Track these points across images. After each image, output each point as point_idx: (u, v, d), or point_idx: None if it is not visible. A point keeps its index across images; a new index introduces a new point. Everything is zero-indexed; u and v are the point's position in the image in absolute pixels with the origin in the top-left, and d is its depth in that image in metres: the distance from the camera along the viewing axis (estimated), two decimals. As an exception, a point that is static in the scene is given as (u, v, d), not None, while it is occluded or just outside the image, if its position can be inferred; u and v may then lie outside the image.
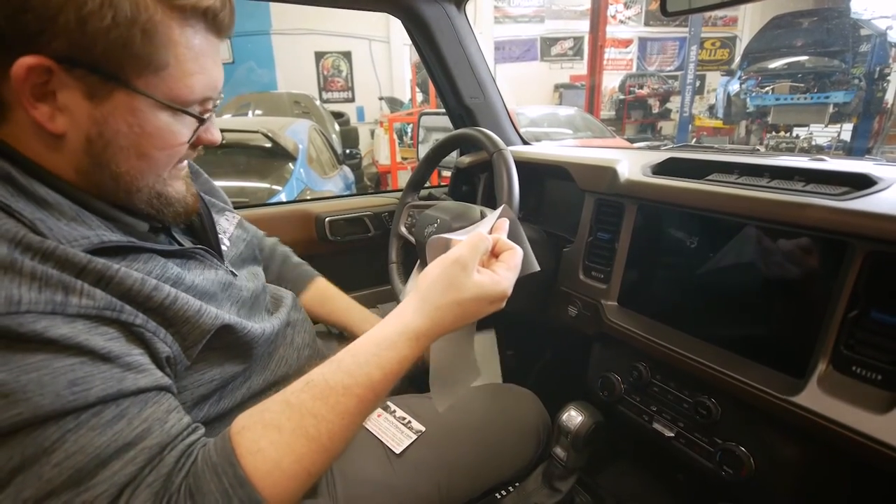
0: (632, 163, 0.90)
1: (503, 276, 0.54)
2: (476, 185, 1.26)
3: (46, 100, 0.43)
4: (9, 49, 0.40)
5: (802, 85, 6.66)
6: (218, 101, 0.54)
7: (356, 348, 0.50)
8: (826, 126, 6.78)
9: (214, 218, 0.69)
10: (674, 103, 10.07)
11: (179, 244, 0.60)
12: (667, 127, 10.41)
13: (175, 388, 0.49)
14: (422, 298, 0.52)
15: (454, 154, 1.27)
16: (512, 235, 0.63)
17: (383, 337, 0.50)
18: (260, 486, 0.42)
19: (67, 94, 0.43)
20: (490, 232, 0.59)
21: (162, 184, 0.52)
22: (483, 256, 0.55)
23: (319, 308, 0.93)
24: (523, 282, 0.98)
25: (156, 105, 0.46)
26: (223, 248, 0.67)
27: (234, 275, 0.64)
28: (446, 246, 0.59)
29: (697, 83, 9.41)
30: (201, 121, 0.50)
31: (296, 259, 0.98)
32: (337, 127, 6.09)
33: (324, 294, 0.94)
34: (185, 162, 0.57)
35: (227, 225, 0.72)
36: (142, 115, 0.46)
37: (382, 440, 0.76)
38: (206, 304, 0.53)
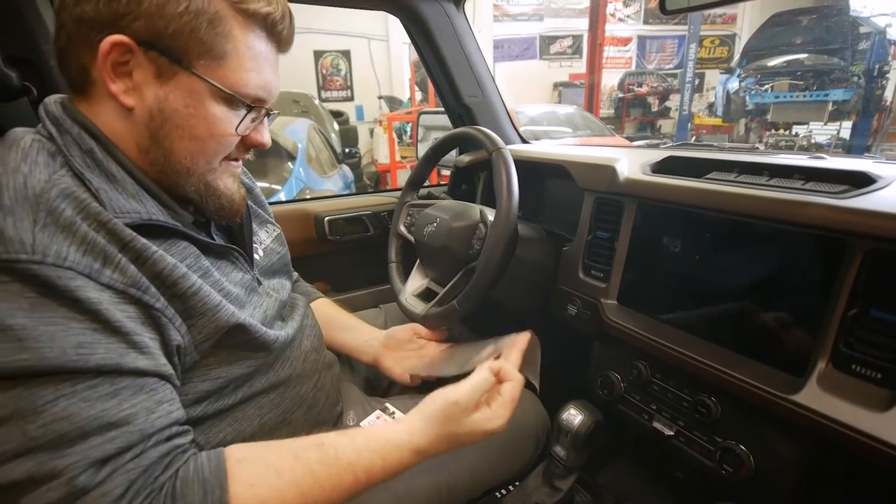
0: (631, 161, 0.89)
1: (498, 414, 0.60)
2: (475, 184, 1.26)
3: (124, 78, 0.49)
4: (100, 30, 0.47)
5: (802, 83, 6.65)
6: (272, 112, 0.60)
7: (370, 433, 0.56)
8: (825, 124, 6.78)
9: (254, 228, 0.73)
10: (673, 101, 10.07)
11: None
12: (666, 125, 10.41)
13: (177, 380, 0.50)
14: (425, 421, 0.58)
15: (453, 153, 1.27)
16: (529, 356, 0.72)
17: (393, 438, 0.56)
18: None
19: (141, 74, 0.49)
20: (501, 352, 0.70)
21: (212, 174, 0.57)
22: (483, 396, 0.61)
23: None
24: (523, 281, 0.98)
25: (212, 90, 0.51)
26: (256, 256, 0.70)
27: (260, 283, 0.68)
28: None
29: (696, 81, 9.40)
30: (249, 108, 0.54)
31: (303, 282, 0.99)
32: (336, 126, 6.09)
33: (322, 315, 0.91)
34: (239, 163, 0.62)
35: (265, 237, 0.77)
36: (198, 98, 0.51)
37: (382, 440, 0.76)
38: (227, 301, 0.55)
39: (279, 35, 0.55)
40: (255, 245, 0.71)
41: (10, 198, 0.42)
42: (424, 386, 1.07)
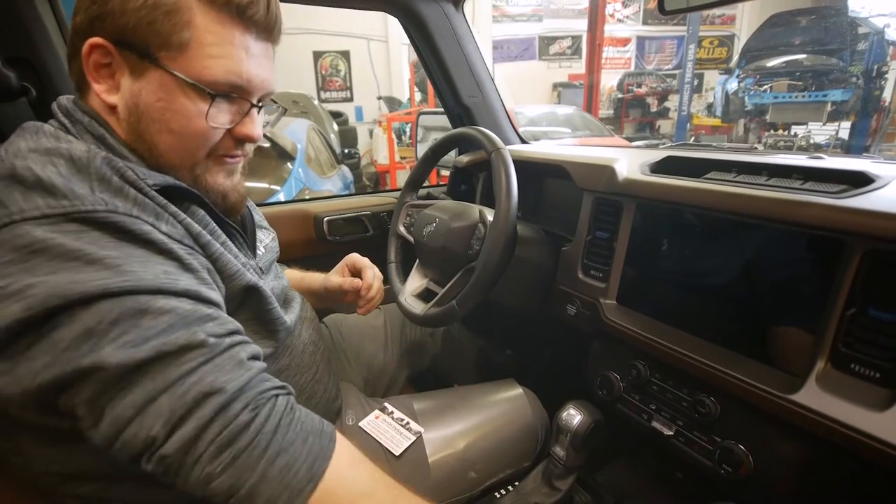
0: (630, 161, 0.89)
1: None
2: (475, 185, 1.26)
3: (107, 78, 0.52)
4: (85, 36, 0.50)
5: (800, 83, 6.66)
6: (260, 105, 0.58)
7: None
8: (824, 124, 6.78)
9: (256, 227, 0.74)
10: (672, 102, 10.06)
11: None
12: (665, 125, 10.41)
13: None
14: None
15: (453, 153, 1.27)
16: None
17: None
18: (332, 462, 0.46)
19: (120, 72, 0.52)
20: None
21: (199, 169, 0.57)
22: None
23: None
24: (522, 281, 0.98)
25: (180, 83, 0.51)
26: (259, 251, 0.72)
27: (263, 272, 0.69)
28: None
29: (696, 82, 9.39)
30: (213, 97, 0.53)
31: None
32: (335, 126, 6.08)
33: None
34: (237, 160, 0.61)
35: (265, 237, 0.78)
36: (168, 91, 0.51)
37: (381, 442, 0.77)
38: (242, 268, 0.58)
39: (251, 19, 0.53)
40: (257, 244, 0.72)
41: (65, 170, 0.45)
42: (424, 385, 1.07)
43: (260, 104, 0.58)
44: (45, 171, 0.44)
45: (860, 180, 0.64)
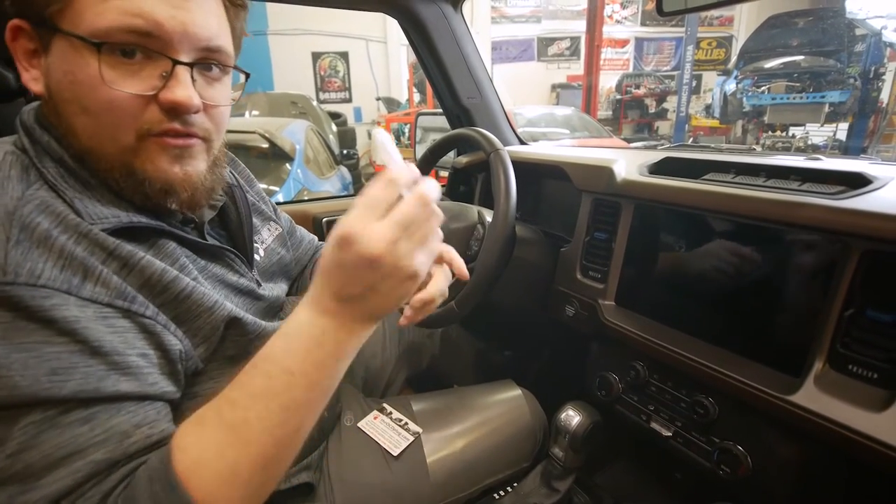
0: (628, 163, 0.90)
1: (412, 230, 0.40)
2: (473, 186, 1.26)
3: (37, 67, 0.45)
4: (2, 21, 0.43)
5: (798, 84, 6.68)
6: (201, 58, 0.47)
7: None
8: (822, 125, 6.80)
9: (256, 225, 0.67)
10: (670, 103, 10.09)
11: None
12: (663, 127, 10.43)
13: (174, 392, 0.46)
14: (319, 274, 0.42)
15: (451, 154, 1.27)
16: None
17: (294, 315, 0.43)
18: (190, 486, 0.38)
19: (42, 56, 0.45)
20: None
21: (131, 154, 0.46)
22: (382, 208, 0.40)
23: None
24: (521, 282, 0.98)
25: (79, 45, 0.42)
26: (256, 257, 0.65)
27: (259, 284, 0.63)
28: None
29: (694, 83, 9.42)
30: (98, 48, 0.42)
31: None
32: (334, 127, 6.08)
33: None
34: (185, 142, 0.48)
35: (267, 235, 0.71)
36: (71, 59, 0.43)
37: (380, 443, 0.76)
38: (223, 300, 0.51)
39: None
40: (256, 245, 0.67)
41: None
42: (423, 386, 1.07)
43: (192, 63, 0.46)
44: None
45: (858, 181, 0.64)
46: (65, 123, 0.45)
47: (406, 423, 0.80)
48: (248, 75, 0.57)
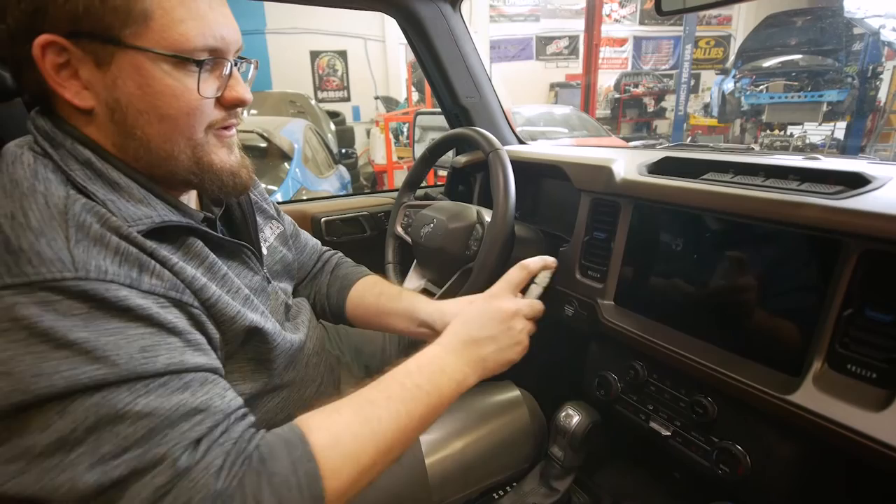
0: (627, 162, 0.90)
1: (517, 331, 0.64)
2: (472, 185, 1.26)
3: (72, 80, 0.46)
4: (27, 38, 0.44)
5: (796, 83, 6.70)
6: (242, 61, 0.55)
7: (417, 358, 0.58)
8: (820, 124, 6.82)
9: (259, 223, 0.70)
10: (669, 102, 10.10)
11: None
12: (662, 126, 10.44)
13: (223, 373, 0.51)
14: (458, 322, 0.63)
15: (450, 154, 1.27)
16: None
17: (428, 350, 0.59)
18: (319, 459, 0.44)
19: (85, 69, 0.46)
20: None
21: (200, 149, 0.52)
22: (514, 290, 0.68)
23: (374, 299, 0.83)
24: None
25: (156, 59, 0.46)
26: (263, 253, 0.68)
27: (269, 281, 0.66)
28: None
29: (692, 82, 9.42)
30: (200, 64, 0.48)
31: (351, 261, 0.93)
32: (332, 126, 6.07)
33: (376, 284, 0.85)
34: (232, 132, 0.56)
35: (269, 234, 0.74)
36: (146, 73, 0.46)
37: (379, 442, 0.76)
38: (245, 308, 0.55)
39: None
40: (261, 242, 0.69)
41: (37, 219, 0.41)
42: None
43: (234, 62, 0.53)
44: (12, 226, 0.40)
45: (857, 181, 0.64)
46: (135, 132, 0.48)
47: (405, 423, 0.80)
48: (256, 63, 0.61)
